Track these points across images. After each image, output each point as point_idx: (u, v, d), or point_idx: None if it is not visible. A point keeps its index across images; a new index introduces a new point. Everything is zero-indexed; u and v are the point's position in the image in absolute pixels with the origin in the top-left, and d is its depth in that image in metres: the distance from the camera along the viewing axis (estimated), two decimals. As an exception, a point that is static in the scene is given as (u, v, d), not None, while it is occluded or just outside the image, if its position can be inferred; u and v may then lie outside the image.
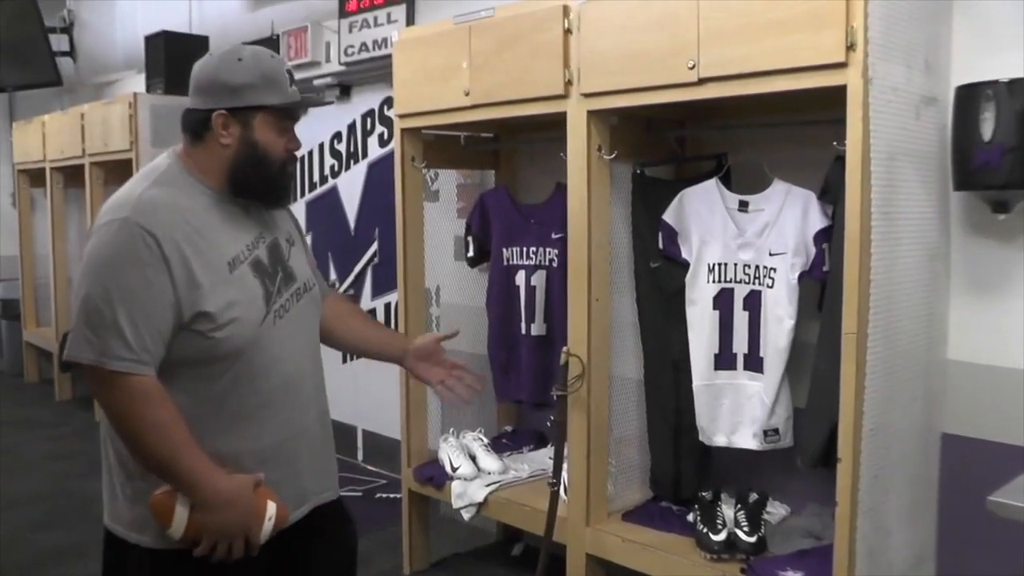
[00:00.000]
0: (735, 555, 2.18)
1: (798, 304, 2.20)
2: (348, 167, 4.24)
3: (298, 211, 4.27)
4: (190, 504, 1.45)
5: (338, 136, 4.26)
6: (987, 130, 1.93)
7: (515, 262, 2.92)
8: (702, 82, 2.05)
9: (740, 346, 2.29)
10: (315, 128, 4.25)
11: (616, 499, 2.53)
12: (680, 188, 2.38)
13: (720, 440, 2.34)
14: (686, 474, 2.48)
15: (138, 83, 5.36)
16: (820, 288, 2.18)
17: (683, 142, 2.64)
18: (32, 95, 6.77)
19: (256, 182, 1.59)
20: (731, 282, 2.30)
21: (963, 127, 1.99)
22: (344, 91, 4.18)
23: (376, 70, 3.82)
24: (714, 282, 2.32)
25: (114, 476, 1.57)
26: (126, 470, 1.54)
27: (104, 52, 6.33)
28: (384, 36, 3.71)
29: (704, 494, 2.31)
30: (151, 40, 5.03)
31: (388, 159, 3.70)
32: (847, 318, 1.85)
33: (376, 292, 4.11)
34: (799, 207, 2.19)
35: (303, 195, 4.48)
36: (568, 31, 2.33)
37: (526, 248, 2.90)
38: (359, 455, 4.18)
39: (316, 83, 4.17)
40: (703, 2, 2.02)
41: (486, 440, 2.98)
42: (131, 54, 5.71)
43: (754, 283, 2.26)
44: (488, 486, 2.76)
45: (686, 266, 2.36)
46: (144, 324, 1.43)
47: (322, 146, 4.35)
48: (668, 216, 2.36)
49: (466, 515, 2.78)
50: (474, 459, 2.89)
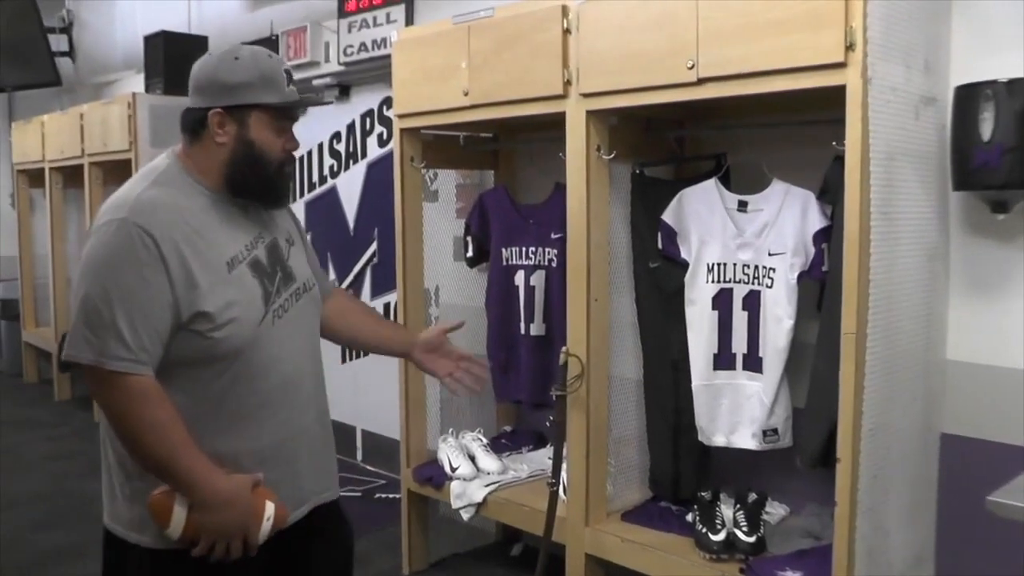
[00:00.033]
0: (734, 555, 2.18)
1: (797, 304, 2.20)
2: (347, 167, 4.24)
3: (297, 211, 4.24)
4: (188, 504, 1.45)
5: (337, 136, 4.26)
6: (986, 130, 1.93)
7: (514, 262, 2.92)
8: (701, 82, 2.05)
9: (739, 346, 2.29)
10: (314, 128, 4.25)
11: (615, 499, 2.53)
12: (679, 188, 2.38)
13: (719, 440, 2.34)
14: (685, 474, 2.48)
15: (137, 83, 5.36)
16: (819, 288, 2.18)
17: (682, 142, 2.64)
18: (31, 95, 6.76)
19: (253, 181, 1.58)
20: (730, 282, 2.30)
21: (962, 127, 1.99)
22: (343, 91, 4.18)
23: (375, 70, 3.82)
24: (713, 282, 2.32)
25: (113, 476, 1.57)
26: (125, 470, 1.53)
27: (103, 52, 6.33)
28: (383, 36, 3.71)
29: (703, 494, 2.31)
30: (150, 40, 5.02)
31: (387, 159, 3.70)
32: (846, 318, 1.85)
33: (375, 292, 4.11)
34: (798, 207, 2.19)
35: (302, 195, 4.48)
36: (567, 31, 2.33)
37: (525, 248, 2.89)
38: (358, 455, 4.18)
39: (315, 83, 4.17)
40: (702, 2, 2.02)
41: (485, 440, 2.98)
42: (130, 54, 5.71)
43: (753, 283, 2.26)
44: (487, 486, 2.76)
45: (685, 266, 2.36)
46: (142, 324, 1.43)
47: (321, 146, 4.35)
48: (667, 216, 2.36)
49: (465, 515, 2.78)
50: (473, 459, 2.89)
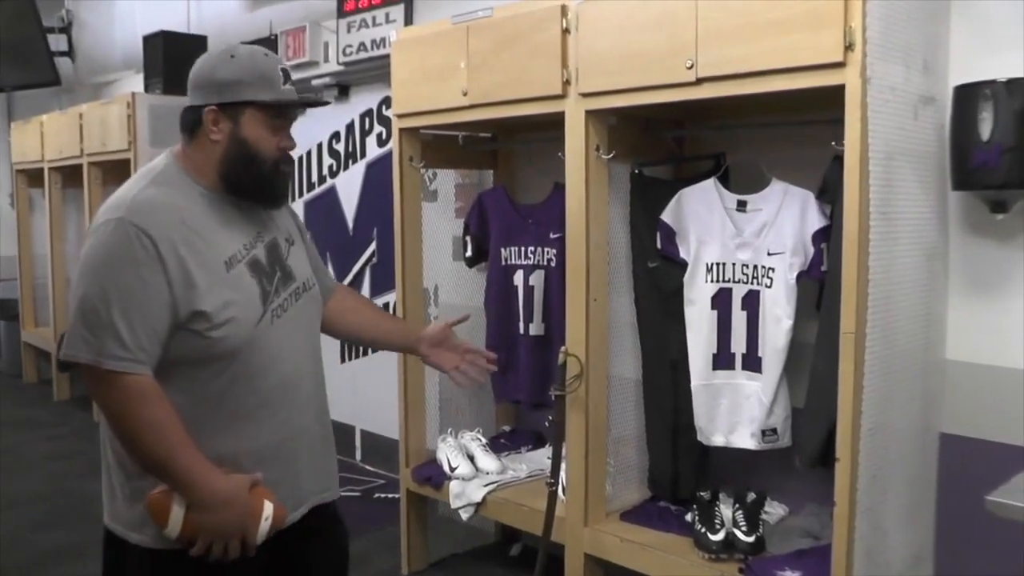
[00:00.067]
0: (733, 555, 2.18)
1: (796, 304, 2.20)
2: (346, 167, 4.24)
3: (296, 211, 4.25)
4: (186, 504, 1.45)
5: (336, 136, 4.26)
6: (985, 130, 1.93)
7: (513, 262, 2.92)
8: (700, 82, 2.05)
9: (738, 346, 2.29)
10: (313, 128, 4.25)
11: (614, 499, 2.53)
12: (678, 188, 2.38)
13: (718, 440, 2.34)
14: (684, 474, 2.48)
15: (136, 83, 5.36)
16: (818, 288, 2.17)
17: (681, 142, 2.64)
18: (30, 95, 6.76)
19: (247, 180, 1.58)
20: (729, 282, 2.30)
21: (961, 127, 1.99)
22: (342, 91, 4.18)
23: (374, 70, 3.81)
24: (712, 282, 2.32)
25: (113, 476, 1.57)
26: (125, 470, 1.53)
27: (102, 52, 6.32)
28: (382, 36, 3.71)
29: (702, 494, 2.30)
30: (149, 40, 5.02)
31: (386, 159, 3.70)
32: (845, 318, 1.85)
33: (374, 292, 4.11)
34: (797, 207, 2.19)
35: (301, 195, 4.48)
36: (566, 31, 2.33)
37: (524, 248, 2.89)
38: (357, 455, 4.18)
39: (314, 83, 4.17)
40: (701, 2, 2.02)
41: (484, 440, 2.97)
42: (129, 54, 5.71)
43: (752, 283, 2.26)
44: (486, 486, 2.76)
45: (684, 266, 2.35)
46: (140, 324, 1.43)
47: (320, 146, 4.35)
48: (666, 216, 2.36)
49: (464, 515, 2.77)
50: (472, 459, 2.89)
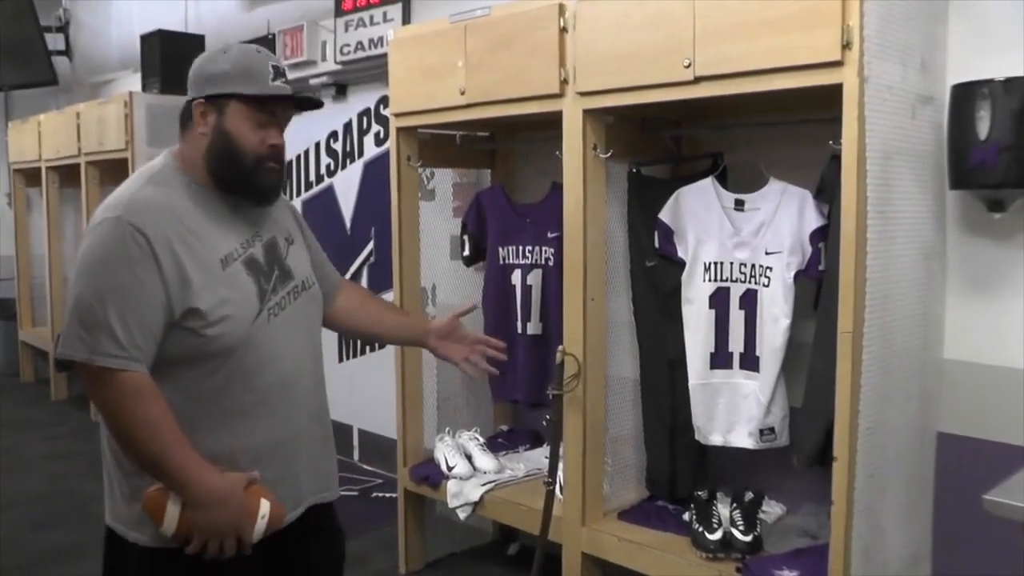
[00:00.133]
0: (731, 554, 2.18)
1: (794, 303, 2.20)
2: (344, 166, 4.24)
3: (294, 210, 4.27)
4: (181, 502, 1.45)
5: (334, 135, 4.26)
6: (983, 129, 1.93)
7: (511, 261, 2.92)
8: (698, 81, 2.04)
9: (736, 345, 2.29)
10: (311, 127, 4.25)
11: (612, 498, 2.52)
12: (676, 187, 2.38)
13: (716, 439, 2.34)
14: (682, 473, 2.48)
15: (134, 82, 5.36)
16: (816, 287, 2.17)
17: (679, 141, 2.63)
18: (28, 94, 6.76)
19: (230, 175, 1.57)
20: (727, 281, 2.30)
21: (959, 126, 1.99)
22: (340, 90, 4.18)
23: (372, 69, 3.81)
24: (710, 281, 2.32)
25: (112, 474, 1.57)
26: (123, 468, 1.53)
27: (100, 51, 6.32)
28: (380, 35, 3.71)
29: (700, 493, 2.30)
30: (147, 39, 5.02)
31: (384, 158, 3.68)
32: (843, 317, 1.85)
33: (372, 291, 4.10)
34: (795, 206, 2.19)
35: (299, 194, 4.48)
36: (564, 30, 2.33)
37: (522, 247, 2.89)
38: (355, 454, 4.17)
39: (312, 82, 4.16)
40: (699, 1, 2.02)
41: (482, 439, 2.97)
42: (127, 53, 5.71)
43: (750, 282, 2.26)
44: (484, 485, 2.76)
45: (682, 265, 2.35)
46: (135, 321, 1.43)
47: (318, 145, 4.35)
48: (664, 215, 2.36)
49: (462, 514, 2.77)
50: (470, 458, 2.89)
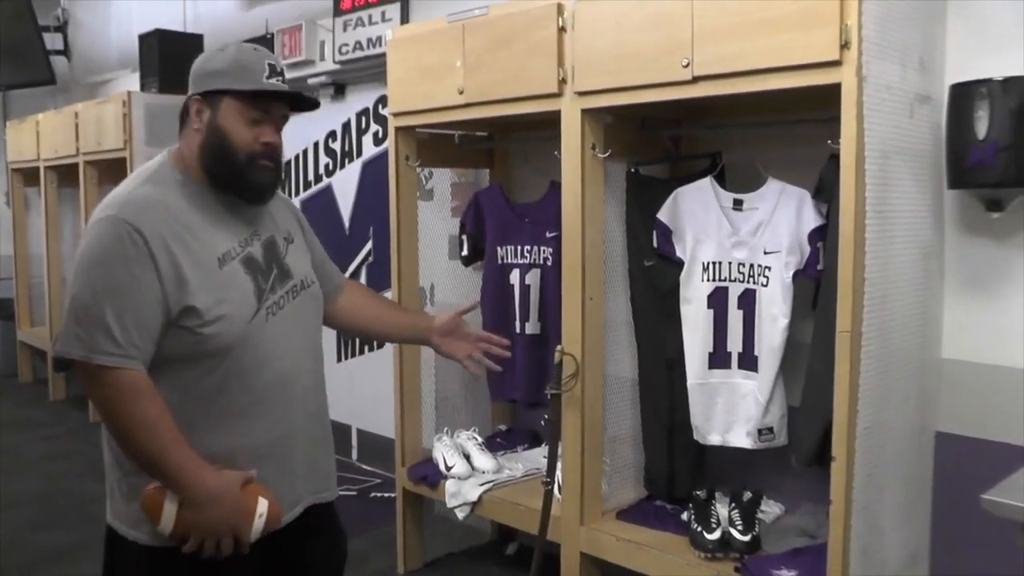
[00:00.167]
0: (729, 554, 2.18)
1: (792, 303, 2.20)
2: (343, 166, 4.24)
3: (293, 210, 4.26)
4: (179, 500, 1.44)
5: (332, 135, 4.25)
6: (981, 128, 1.93)
7: (509, 261, 2.92)
8: (696, 80, 2.04)
9: (734, 345, 2.29)
10: (309, 127, 4.24)
11: (610, 498, 2.52)
12: (674, 187, 2.38)
13: (714, 439, 2.34)
14: (680, 473, 2.48)
15: (132, 82, 5.35)
16: (814, 287, 2.17)
17: (677, 141, 2.63)
18: (26, 94, 6.75)
19: (223, 172, 1.57)
20: (725, 281, 2.29)
21: (957, 125, 1.99)
22: (338, 90, 4.18)
23: (370, 69, 3.81)
24: (708, 281, 2.32)
25: (111, 473, 1.58)
26: (121, 467, 1.53)
27: (98, 51, 6.31)
28: (378, 34, 3.71)
29: (698, 493, 2.30)
30: (145, 39, 5.01)
31: (382, 158, 3.68)
32: (841, 317, 1.85)
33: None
34: (793, 206, 2.19)
35: (297, 193, 4.47)
36: (562, 29, 2.33)
37: (520, 247, 2.89)
38: (353, 454, 4.17)
39: (310, 82, 4.16)
40: (697, 1, 2.02)
41: (480, 439, 2.97)
42: (125, 53, 5.70)
43: (748, 282, 2.26)
44: (482, 485, 2.75)
45: (680, 265, 2.35)
46: (131, 320, 1.43)
47: (316, 145, 4.35)
48: (662, 215, 2.36)
49: (460, 514, 2.77)
50: (468, 458, 2.88)
